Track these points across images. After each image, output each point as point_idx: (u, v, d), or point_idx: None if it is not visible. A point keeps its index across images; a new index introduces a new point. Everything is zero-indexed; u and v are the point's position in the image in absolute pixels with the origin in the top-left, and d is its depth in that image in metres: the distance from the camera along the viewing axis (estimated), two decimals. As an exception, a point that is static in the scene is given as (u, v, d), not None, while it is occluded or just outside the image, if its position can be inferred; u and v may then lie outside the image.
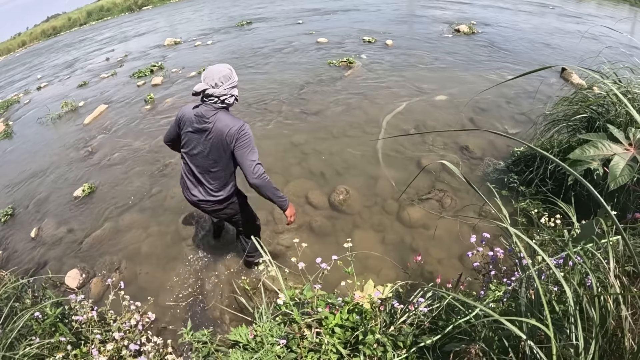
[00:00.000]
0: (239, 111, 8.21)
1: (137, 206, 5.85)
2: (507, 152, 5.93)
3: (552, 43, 12.38)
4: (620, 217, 3.47)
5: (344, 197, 5.37)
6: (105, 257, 5.03)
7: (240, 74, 10.38)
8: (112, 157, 7.38)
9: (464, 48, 11.56)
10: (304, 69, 10.37)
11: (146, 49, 16.35)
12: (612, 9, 22.92)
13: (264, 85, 9.59)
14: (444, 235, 4.56)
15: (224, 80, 3.40)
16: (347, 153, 6.39)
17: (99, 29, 27.88)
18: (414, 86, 8.74)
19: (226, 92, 3.43)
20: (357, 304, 2.80)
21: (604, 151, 1.95)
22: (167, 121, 8.36)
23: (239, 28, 16.92)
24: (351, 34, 13.58)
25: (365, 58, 10.78)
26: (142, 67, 13.12)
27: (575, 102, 5.08)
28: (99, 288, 4.59)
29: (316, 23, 15.94)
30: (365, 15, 16.97)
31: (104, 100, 10.83)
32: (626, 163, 1.86)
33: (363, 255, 4.25)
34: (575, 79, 8.67)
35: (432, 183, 5.51)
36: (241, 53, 12.80)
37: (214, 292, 4.28)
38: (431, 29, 13.89)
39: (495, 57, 10.79)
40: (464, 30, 13.20)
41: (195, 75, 11.27)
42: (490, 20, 15.03)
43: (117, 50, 17.79)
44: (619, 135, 2.01)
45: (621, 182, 1.81)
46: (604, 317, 1.85)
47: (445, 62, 10.39)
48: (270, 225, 5.09)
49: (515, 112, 7.27)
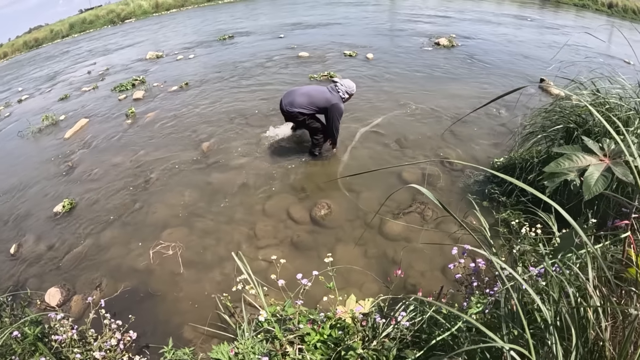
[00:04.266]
0: (219, 126, 8.24)
1: (118, 222, 5.79)
2: (488, 163, 5.98)
3: (531, 54, 12.58)
4: (601, 224, 3.54)
5: (326, 211, 5.37)
6: (86, 274, 4.96)
7: (222, 89, 10.50)
8: (92, 172, 7.31)
9: (444, 61, 11.71)
10: (285, 84, 10.36)
11: (128, 62, 16.24)
12: (589, 20, 23.36)
13: (245, 99, 9.58)
14: (426, 247, 4.57)
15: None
16: (327, 167, 6.44)
17: (81, 41, 27.69)
18: (394, 99, 8.81)
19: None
20: (339, 319, 2.80)
21: (578, 163, 1.98)
22: (149, 135, 8.36)
23: (221, 42, 16.92)
24: (332, 48, 13.66)
25: (346, 72, 10.84)
26: (124, 80, 13.01)
27: (553, 113, 5.14)
28: (80, 306, 4.51)
29: (297, 37, 15.99)
30: (346, 29, 17.11)
31: (85, 114, 10.72)
32: (600, 174, 1.89)
33: (345, 269, 4.24)
34: (554, 88, 8.78)
35: (413, 196, 5.54)
36: (222, 67, 12.78)
37: (196, 309, 4.24)
38: (412, 42, 14.04)
39: (475, 69, 10.94)
40: (444, 43, 13.36)
41: (177, 89, 11.20)
42: (470, 34, 15.24)
43: (99, 63, 17.65)
44: (593, 146, 2.04)
45: (596, 193, 1.84)
46: (585, 327, 1.88)
47: (426, 75, 10.50)
48: (252, 240, 5.07)
49: (495, 123, 7.35)
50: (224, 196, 5.96)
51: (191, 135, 8.04)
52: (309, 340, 2.60)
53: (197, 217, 5.60)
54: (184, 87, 11.30)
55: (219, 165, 6.77)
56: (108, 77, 14.44)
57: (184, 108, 9.59)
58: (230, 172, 6.51)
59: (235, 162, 6.79)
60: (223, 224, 5.40)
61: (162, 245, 5.14)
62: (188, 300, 4.37)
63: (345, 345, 2.56)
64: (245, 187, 6.09)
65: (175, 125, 8.65)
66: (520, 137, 5.59)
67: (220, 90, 10.60)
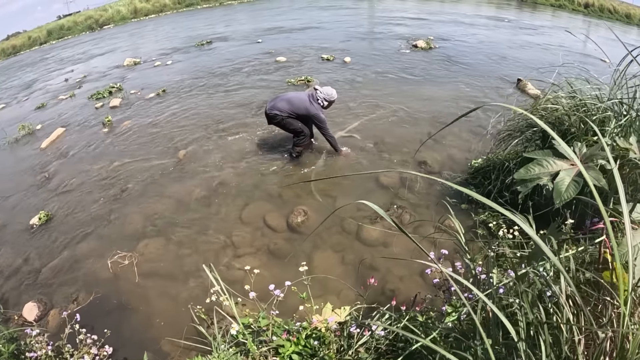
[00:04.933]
0: (196, 133, 8.19)
1: (95, 233, 5.70)
2: (465, 165, 6.01)
3: (508, 55, 12.70)
4: (580, 224, 3.54)
5: (302, 218, 5.34)
6: (63, 288, 4.86)
7: (199, 95, 10.44)
8: (69, 183, 7.20)
9: (422, 63, 11.79)
10: (263, 89, 10.37)
11: (106, 69, 16.09)
12: (566, 20, 23.65)
13: (222, 106, 9.54)
14: (404, 252, 4.56)
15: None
16: (305, 173, 6.43)
17: (59, 48, 27.39)
18: (371, 103, 8.85)
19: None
20: (315, 328, 2.78)
21: (549, 169, 1.96)
22: (125, 144, 8.27)
23: (199, 48, 16.84)
24: (310, 52, 13.70)
25: (323, 76, 10.85)
26: (101, 88, 12.87)
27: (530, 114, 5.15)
28: (57, 320, 4.41)
29: (275, 42, 16.01)
30: (324, 33, 17.17)
31: (62, 123, 10.58)
32: (572, 179, 1.87)
33: (324, 275, 4.22)
34: (531, 89, 8.88)
35: (390, 200, 5.54)
36: (200, 74, 12.73)
37: (173, 320, 4.17)
38: (389, 45, 14.13)
39: (453, 71, 11.03)
40: (422, 45, 13.46)
41: (154, 96, 11.11)
42: (448, 35, 15.38)
43: (76, 70, 17.46)
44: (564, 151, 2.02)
45: (567, 199, 1.82)
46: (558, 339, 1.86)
47: (403, 77, 10.58)
48: (229, 249, 5.02)
49: (473, 125, 7.38)
50: (201, 205, 5.91)
51: (168, 143, 7.97)
52: (283, 352, 2.57)
53: (174, 226, 5.53)
54: (161, 94, 11.22)
55: (195, 173, 6.71)
56: (85, 85, 14.30)
57: (160, 116, 9.52)
58: (208, 180, 6.45)
59: (212, 169, 6.74)
60: (200, 233, 5.34)
61: (120, 255, 5.09)
62: (165, 312, 4.31)
63: (321, 356, 2.53)
64: (222, 195, 6.05)
65: (152, 133, 8.57)
66: (498, 138, 5.61)
67: (197, 96, 10.55)
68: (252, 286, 2.92)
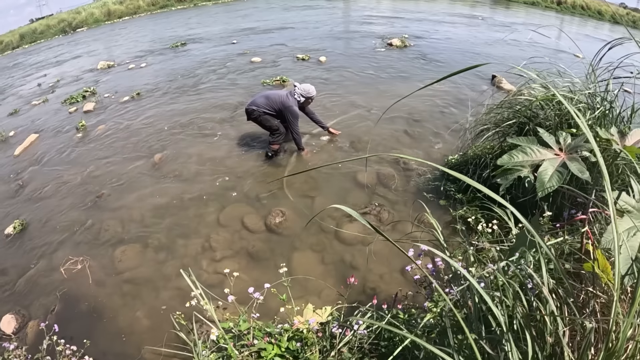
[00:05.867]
0: (172, 135, 8.10)
1: (71, 241, 5.59)
2: (442, 161, 6.03)
3: (483, 52, 12.84)
4: (558, 216, 3.57)
5: (281, 219, 5.32)
6: (41, 298, 4.75)
7: (174, 97, 10.35)
8: (43, 190, 7.06)
9: (397, 61, 11.85)
10: (238, 90, 10.32)
11: (79, 73, 15.78)
12: (539, 17, 23.93)
13: (198, 108, 9.45)
14: (384, 249, 4.56)
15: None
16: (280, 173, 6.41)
17: (32, 52, 26.80)
18: (347, 101, 8.86)
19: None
20: (297, 330, 2.75)
21: (533, 157, 1.94)
22: (100, 149, 8.15)
23: (174, 49, 16.66)
24: (285, 52, 13.66)
25: (299, 76, 10.82)
26: (74, 92, 12.62)
27: (505, 109, 5.19)
28: (35, 332, 4.31)
29: (250, 42, 15.90)
30: (299, 33, 17.12)
31: (35, 129, 10.36)
32: (555, 169, 1.86)
33: (303, 276, 4.20)
34: (506, 84, 8.96)
35: (369, 198, 5.55)
36: (175, 75, 12.58)
37: (153, 327, 4.12)
38: (364, 44, 14.18)
39: (427, 68, 11.10)
40: (397, 44, 13.51)
41: (128, 99, 10.94)
42: (422, 34, 15.48)
43: (49, 74, 17.08)
44: (549, 139, 2.01)
45: (550, 190, 1.80)
46: (543, 331, 1.86)
47: (379, 76, 10.61)
48: (208, 252, 4.97)
49: (449, 121, 7.44)
50: (177, 209, 5.84)
51: (143, 146, 7.86)
52: (265, 356, 2.54)
53: (151, 231, 5.46)
54: (135, 97, 11.06)
55: (172, 176, 6.64)
56: (58, 89, 14.03)
57: (135, 119, 9.38)
58: (184, 183, 6.39)
59: (189, 172, 6.68)
60: (178, 237, 5.28)
61: (71, 261, 5.06)
62: (145, 319, 4.25)
63: (304, 357, 2.51)
64: (199, 198, 5.98)
65: (127, 137, 8.45)
66: (474, 133, 5.65)
67: (172, 99, 10.42)
68: (231, 289, 2.88)
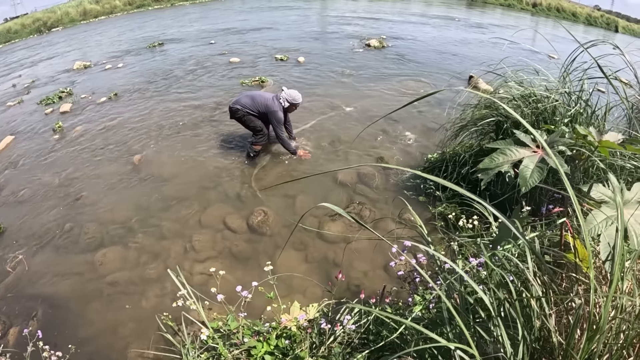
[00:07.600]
0: (151, 136, 8.02)
1: (50, 245, 5.48)
2: (422, 159, 6.09)
3: (459, 52, 13.00)
4: (536, 211, 3.64)
5: (263, 218, 5.31)
6: (21, 304, 4.63)
7: (152, 98, 10.26)
8: (20, 194, 6.91)
9: (375, 62, 11.96)
10: (217, 90, 10.29)
11: (55, 74, 15.47)
12: (514, 19, 24.27)
13: (176, 108, 9.37)
14: (367, 247, 4.60)
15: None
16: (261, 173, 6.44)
17: (6, 52, 26.23)
18: (326, 102, 8.90)
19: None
20: (285, 327, 2.76)
21: (512, 157, 1.99)
22: (78, 150, 8.02)
23: (151, 50, 16.48)
24: (264, 53, 13.65)
25: (277, 76, 10.85)
26: (51, 93, 12.36)
27: (482, 107, 5.26)
28: (17, 339, 4.22)
29: (228, 43, 15.83)
30: (278, 33, 17.13)
31: (11, 130, 10.14)
32: (535, 165, 1.91)
33: (288, 275, 4.20)
34: (482, 85, 9.06)
35: (350, 196, 5.59)
36: (153, 76, 12.44)
37: (139, 330, 4.07)
38: (343, 44, 14.26)
39: (405, 68, 11.21)
40: (375, 44, 13.60)
41: (105, 100, 10.78)
42: (400, 34, 15.63)
43: (24, 75, 16.70)
44: (525, 139, 2.06)
45: (532, 185, 1.85)
46: (530, 316, 1.90)
47: (357, 76, 10.69)
48: (191, 254, 4.93)
49: (427, 120, 7.54)
50: (158, 210, 5.78)
51: (122, 148, 7.76)
52: (255, 354, 2.54)
53: (132, 233, 5.39)
54: (112, 97, 10.90)
55: (151, 178, 6.57)
56: (34, 90, 13.75)
57: (113, 120, 9.25)
58: (164, 185, 6.33)
59: (168, 173, 6.62)
60: (159, 239, 5.23)
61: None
62: (131, 322, 4.18)
63: (294, 354, 2.52)
64: (179, 199, 5.93)
65: (105, 139, 8.32)
66: (452, 132, 5.71)
67: (150, 99, 10.31)
68: (218, 288, 2.87)
